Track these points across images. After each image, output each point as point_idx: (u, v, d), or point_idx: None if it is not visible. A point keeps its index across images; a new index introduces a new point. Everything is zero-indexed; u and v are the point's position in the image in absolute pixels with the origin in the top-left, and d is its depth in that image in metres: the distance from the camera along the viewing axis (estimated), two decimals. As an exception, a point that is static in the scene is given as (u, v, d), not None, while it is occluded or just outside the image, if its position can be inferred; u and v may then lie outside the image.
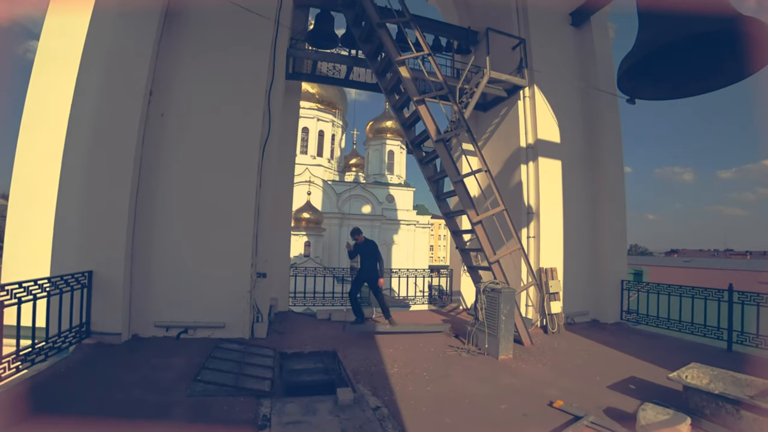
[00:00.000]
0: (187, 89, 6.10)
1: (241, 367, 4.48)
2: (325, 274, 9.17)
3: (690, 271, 28.66)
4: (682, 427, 3.15)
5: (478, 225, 6.51)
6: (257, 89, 6.40)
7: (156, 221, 5.82)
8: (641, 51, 5.03)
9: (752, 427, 3.20)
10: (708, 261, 36.87)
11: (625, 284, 8.25)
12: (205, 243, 5.96)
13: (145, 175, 5.73)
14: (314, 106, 38.09)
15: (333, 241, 36.98)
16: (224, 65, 6.28)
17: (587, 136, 8.81)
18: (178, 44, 6.11)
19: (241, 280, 5.97)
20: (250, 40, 6.44)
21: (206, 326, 5.79)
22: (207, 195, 6.04)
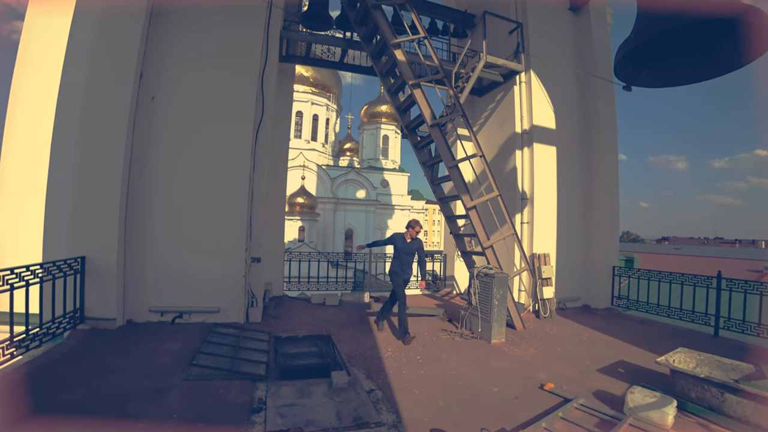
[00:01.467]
0: (178, 72, 5.99)
1: (236, 351, 4.52)
2: (320, 258, 9.20)
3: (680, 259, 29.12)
4: (668, 410, 3.23)
5: (472, 210, 6.53)
6: (250, 72, 6.30)
7: (149, 206, 5.78)
8: (639, 38, 4.98)
9: (735, 410, 3.31)
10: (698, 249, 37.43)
11: (617, 270, 8.36)
12: (199, 228, 5.94)
13: (137, 159, 5.66)
14: (308, 90, 37.61)
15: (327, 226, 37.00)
16: (217, 47, 6.16)
17: (582, 122, 8.80)
18: (168, 26, 5.97)
19: (236, 264, 5.98)
20: (242, 22, 6.32)
21: (201, 311, 5.81)
22: (200, 179, 5.99)
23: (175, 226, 5.87)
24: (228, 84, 6.17)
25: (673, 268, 7.68)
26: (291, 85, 8.89)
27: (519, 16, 8.42)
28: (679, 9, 4.64)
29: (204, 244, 5.92)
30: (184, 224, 5.90)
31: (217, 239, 5.95)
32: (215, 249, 5.94)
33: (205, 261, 5.90)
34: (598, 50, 8.62)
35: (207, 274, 5.89)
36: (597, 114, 8.62)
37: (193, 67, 6.05)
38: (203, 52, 6.11)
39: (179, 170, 5.93)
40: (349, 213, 38.14)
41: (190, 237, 5.90)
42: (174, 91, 5.96)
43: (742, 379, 3.67)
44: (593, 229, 8.65)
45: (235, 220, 6.05)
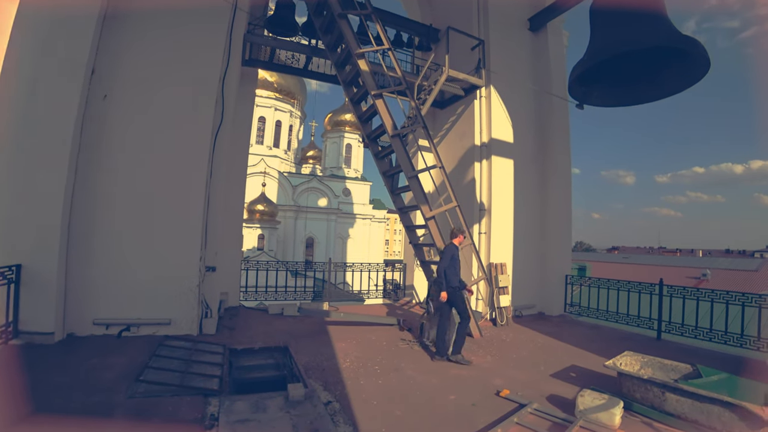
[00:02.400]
0: (135, 70, 5.72)
1: (188, 365, 4.31)
2: (279, 267, 8.99)
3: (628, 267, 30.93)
4: (615, 411, 3.40)
5: (431, 220, 6.62)
6: (211, 74, 6.12)
7: (96, 210, 5.44)
8: (591, 59, 5.28)
9: (675, 408, 3.53)
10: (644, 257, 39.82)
11: (570, 279, 8.74)
12: (150, 234, 5.65)
13: (85, 159, 5.33)
14: (272, 95, 37.04)
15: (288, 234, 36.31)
16: (177, 47, 5.94)
17: (538, 137, 9.19)
18: (126, 22, 5.69)
19: (189, 273, 5.73)
20: (205, 23, 6.15)
21: (151, 323, 5.50)
22: (154, 183, 5.71)
23: (125, 232, 5.55)
24: (187, 86, 5.97)
25: (622, 276, 8.14)
26: (253, 89, 8.73)
27: (481, 33, 8.72)
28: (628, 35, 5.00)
29: (155, 252, 5.63)
30: (134, 231, 5.59)
31: (169, 247, 5.68)
32: (167, 257, 5.66)
33: (156, 270, 5.60)
34: (554, 69, 9.05)
35: (158, 283, 5.59)
36: (552, 130, 9.02)
37: (150, 65, 5.80)
38: (162, 51, 5.87)
39: (131, 174, 5.63)
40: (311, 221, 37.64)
41: (140, 244, 5.60)
42: (129, 90, 5.68)
43: (680, 379, 3.92)
44: (548, 240, 9.00)
45: (189, 227, 5.80)
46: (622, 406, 3.49)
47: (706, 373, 3.93)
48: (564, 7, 8.61)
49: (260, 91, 34.05)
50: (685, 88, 5.08)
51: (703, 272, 27.38)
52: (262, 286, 8.57)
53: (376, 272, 9.97)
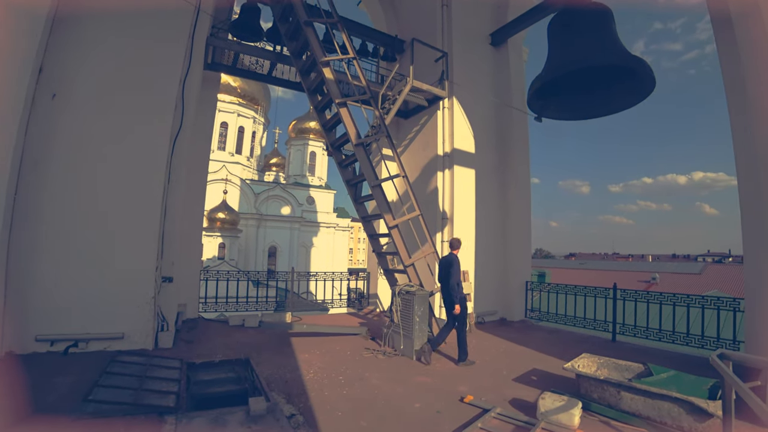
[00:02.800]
0: (89, 69, 5.41)
1: (143, 381, 4.08)
2: (240, 277, 8.74)
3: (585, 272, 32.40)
4: (574, 411, 3.52)
5: (394, 229, 6.65)
6: (171, 77, 5.89)
7: (42, 216, 5.05)
8: (548, 75, 5.54)
9: (630, 405, 3.70)
10: (599, 263, 41.93)
11: (530, 285, 9.02)
12: (102, 243, 5.32)
13: (29, 162, 4.94)
14: (235, 101, 36.23)
15: (250, 243, 35.41)
16: (136, 47, 5.67)
17: (499, 148, 9.48)
18: (81, 17, 5.34)
19: (144, 284, 5.44)
20: (166, 23, 5.90)
21: (101, 338, 5.17)
22: (107, 189, 5.40)
23: (74, 241, 5.20)
24: (145, 88, 5.70)
25: (579, 282, 8.51)
26: (215, 94, 8.52)
27: (445, 46, 8.94)
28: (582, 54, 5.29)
29: (108, 262, 5.30)
30: (85, 239, 5.24)
31: (123, 256, 5.37)
32: (121, 267, 5.35)
33: (109, 281, 5.27)
34: (514, 83, 9.41)
35: (110, 295, 5.26)
36: (512, 141, 9.34)
37: (106, 65, 5.50)
38: (120, 51, 5.58)
39: (82, 178, 5.29)
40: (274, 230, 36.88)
41: (91, 254, 5.25)
42: (82, 91, 5.35)
43: (634, 378, 4.14)
44: (508, 247, 9.26)
45: (144, 235, 5.52)
46: (581, 406, 3.62)
47: (656, 371, 4.18)
48: (523, 24, 9.00)
49: (223, 96, 33.23)
50: (634, 104, 5.42)
51: (652, 276, 29.16)
52: (223, 296, 8.29)
53: (340, 281, 9.88)
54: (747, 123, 4.80)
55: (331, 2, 7.21)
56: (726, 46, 5.11)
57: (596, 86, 5.85)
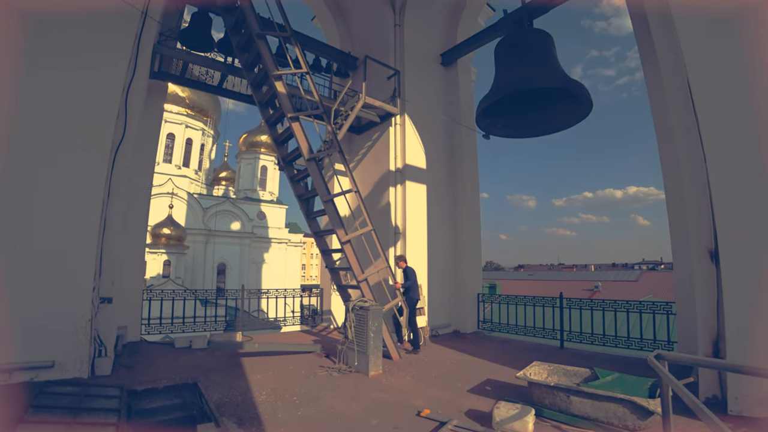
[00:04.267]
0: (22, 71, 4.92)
1: (76, 414, 3.73)
2: (187, 296, 8.31)
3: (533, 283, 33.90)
4: (528, 418, 3.64)
5: (347, 244, 6.63)
6: (113, 85, 5.50)
7: None
8: (495, 95, 5.82)
9: (579, 408, 3.87)
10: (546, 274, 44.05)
11: (481, 297, 9.27)
12: (33, 263, 4.79)
13: None
14: (183, 112, 34.85)
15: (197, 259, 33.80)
16: (75, 50, 5.24)
17: (449, 164, 9.78)
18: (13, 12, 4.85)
19: (79, 306, 4.97)
20: (110, 27, 5.49)
21: (28, 367, 4.62)
22: (39, 205, 4.90)
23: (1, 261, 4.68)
24: (85, 94, 5.28)
25: (528, 292, 8.89)
26: (162, 103, 8.17)
27: (397, 64, 9.17)
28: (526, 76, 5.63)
29: (37, 282, 4.78)
30: (12, 259, 4.69)
31: (55, 276, 4.87)
32: (51, 288, 4.84)
33: (38, 303, 4.74)
34: (463, 101, 9.79)
35: (39, 319, 4.72)
36: (462, 157, 9.67)
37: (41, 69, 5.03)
38: (58, 55, 5.15)
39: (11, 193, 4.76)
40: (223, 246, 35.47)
41: (20, 274, 4.70)
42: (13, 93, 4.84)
43: (582, 382, 4.38)
44: (460, 261, 9.49)
45: (80, 253, 5.06)
46: (534, 413, 3.75)
47: (602, 374, 4.43)
48: (472, 46, 9.45)
49: (170, 106, 31.95)
50: (575, 124, 5.84)
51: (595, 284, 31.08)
52: (168, 317, 7.83)
53: (292, 298, 9.66)
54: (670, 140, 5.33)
55: (284, 16, 7.19)
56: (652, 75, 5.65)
57: (540, 106, 6.23)
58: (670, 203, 5.79)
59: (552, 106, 6.03)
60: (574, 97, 5.49)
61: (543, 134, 6.53)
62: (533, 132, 6.59)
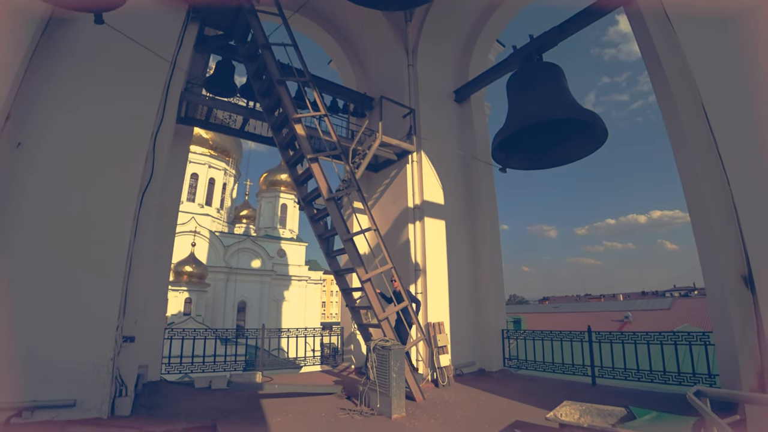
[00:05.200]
0: (57, 117, 5.28)
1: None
2: (207, 335, 8.34)
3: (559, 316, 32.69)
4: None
5: (367, 283, 6.59)
6: (143, 130, 5.84)
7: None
8: (509, 129, 5.92)
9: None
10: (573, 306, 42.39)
11: (506, 333, 8.99)
12: (58, 299, 4.92)
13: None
14: (207, 152, 36.23)
15: (218, 297, 34.05)
16: (108, 98, 5.62)
17: (467, 198, 9.80)
18: (54, 65, 5.32)
19: (102, 345, 5.03)
20: (141, 78, 5.93)
21: (49, 406, 4.67)
22: (68, 243, 5.10)
23: (24, 296, 4.76)
24: (116, 140, 5.59)
25: (554, 326, 8.59)
26: (187, 146, 8.54)
27: (412, 103, 9.43)
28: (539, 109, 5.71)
29: (62, 320, 4.87)
30: (38, 294, 4.83)
31: (81, 314, 4.97)
32: (78, 326, 4.93)
33: (61, 341, 4.81)
34: (478, 136, 9.93)
35: (62, 356, 4.77)
36: (480, 191, 9.69)
37: (77, 116, 5.40)
38: (92, 101, 5.51)
39: (42, 232, 4.99)
40: (243, 284, 35.72)
41: (46, 312, 4.83)
42: (48, 139, 5.19)
43: (617, 423, 4.10)
44: (482, 296, 9.31)
45: (106, 292, 5.18)
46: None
47: (638, 413, 4.16)
48: (484, 82, 9.68)
49: (194, 147, 33.24)
50: (591, 153, 5.83)
51: (625, 315, 29.65)
52: (188, 356, 7.84)
53: (312, 337, 9.58)
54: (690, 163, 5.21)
55: (303, 62, 7.55)
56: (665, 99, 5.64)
57: (554, 138, 6.28)
58: (696, 227, 5.53)
59: (567, 137, 6.07)
60: (588, 126, 5.52)
61: (559, 164, 6.56)
62: (550, 163, 6.62)
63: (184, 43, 6.68)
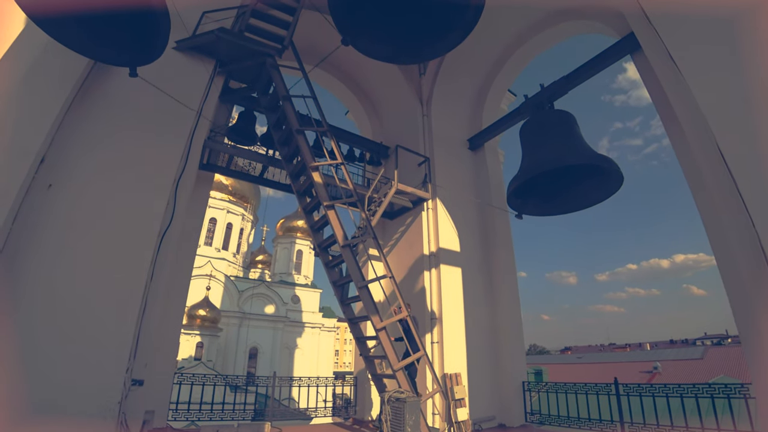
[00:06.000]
0: (88, 163, 5.56)
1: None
2: (217, 381, 8.15)
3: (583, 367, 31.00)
4: None
5: (382, 331, 6.45)
6: (166, 176, 6.09)
7: None
8: (523, 176, 5.97)
9: None
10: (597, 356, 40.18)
11: (527, 385, 8.54)
12: (71, 338, 4.89)
13: (12, 247, 4.81)
14: (225, 198, 37.24)
15: (230, 342, 33.63)
16: (136, 144, 5.92)
17: (483, 245, 9.72)
18: (89, 112, 5.67)
19: (111, 387, 4.91)
20: (168, 126, 6.27)
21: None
22: (87, 283, 5.17)
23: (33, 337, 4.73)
24: (140, 185, 5.83)
25: (578, 377, 8.11)
26: (208, 192, 8.77)
27: (427, 151, 9.65)
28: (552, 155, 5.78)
29: (72, 362, 4.81)
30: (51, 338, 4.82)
31: (91, 354, 4.92)
32: (86, 368, 4.85)
33: (69, 383, 4.72)
34: (492, 183, 10.02)
35: (69, 399, 4.66)
36: (495, 238, 9.62)
37: (105, 160, 5.68)
38: (121, 147, 5.81)
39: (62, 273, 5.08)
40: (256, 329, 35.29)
41: (55, 349, 4.77)
42: (76, 183, 5.42)
43: None
44: (501, 345, 8.98)
45: (118, 335, 5.13)
46: None
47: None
48: (497, 130, 9.93)
49: (214, 192, 34.21)
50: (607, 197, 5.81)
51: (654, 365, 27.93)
52: (196, 402, 7.65)
53: (325, 387, 9.28)
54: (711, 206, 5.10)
55: (321, 112, 7.87)
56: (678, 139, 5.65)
57: (569, 184, 6.29)
58: (723, 272, 5.26)
59: (582, 183, 6.09)
60: (603, 171, 5.54)
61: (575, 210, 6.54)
62: (565, 209, 6.59)
63: (210, 94, 7.09)
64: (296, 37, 7.59)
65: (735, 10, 4.51)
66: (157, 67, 5.37)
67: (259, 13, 7.18)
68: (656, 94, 6.11)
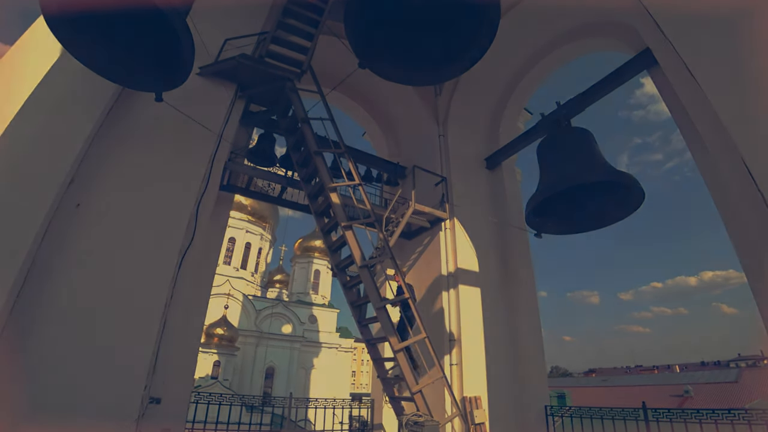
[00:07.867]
0: (113, 184, 5.78)
1: None
2: (233, 401, 8.13)
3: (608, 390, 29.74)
4: None
5: (400, 353, 6.36)
6: (188, 196, 6.26)
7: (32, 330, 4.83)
8: (541, 195, 5.91)
9: None
10: (623, 378, 38.43)
11: (550, 409, 8.21)
12: (88, 356, 4.93)
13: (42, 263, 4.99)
14: (245, 218, 37.83)
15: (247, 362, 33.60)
16: (159, 165, 6.14)
17: (502, 265, 9.58)
18: (116, 135, 5.92)
19: (128, 406, 4.94)
20: (190, 149, 6.47)
21: None
22: (108, 301, 5.26)
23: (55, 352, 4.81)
24: (162, 205, 6.01)
25: (603, 401, 7.78)
26: (227, 212, 8.93)
27: (444, 171, 9.67)
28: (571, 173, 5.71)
29: (90, 379, 4.85)
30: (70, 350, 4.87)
31: (110, 371, 4.96)
32: (105, 385, 4.89)
33: (89, 398, 4.74)
34: (510, 202, 9.94)
35: (86, 416, 4.64)
36: (514, 258, 9.47)
37: (130, 181, 5.89)
38: (145, 168, 6.02)
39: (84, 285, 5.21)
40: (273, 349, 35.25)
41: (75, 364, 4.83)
42: (101, 202, 5.62)
43: None
44: (522, 368, 8.72)
45: (139, 351, 5.23)
46: None
47: None
48: (514, 149, 9.89)
49: (233, 212, 34.80)
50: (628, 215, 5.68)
51: (685, 389, 26.58)
52: (212, 421, 7.63)
53: (341, 409, 9.15)
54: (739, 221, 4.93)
55: (338, 134, 7.99)
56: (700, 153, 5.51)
57: (589, 201, 6.17)
58: (755, 289, 5.01)
59: (602, 200, 5.98)
60: (623, 188, 5.44)
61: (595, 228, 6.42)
62: (585, 227, 6.47)
63: (231, 117, 7.31)
64: (314, 62, 7.79)
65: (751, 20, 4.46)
66: (182, 91, 5.59)
67: (278, 39, 7.41)
68: (675, 108, 6.02)
